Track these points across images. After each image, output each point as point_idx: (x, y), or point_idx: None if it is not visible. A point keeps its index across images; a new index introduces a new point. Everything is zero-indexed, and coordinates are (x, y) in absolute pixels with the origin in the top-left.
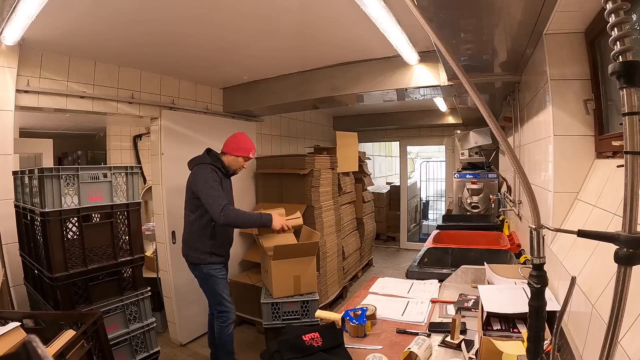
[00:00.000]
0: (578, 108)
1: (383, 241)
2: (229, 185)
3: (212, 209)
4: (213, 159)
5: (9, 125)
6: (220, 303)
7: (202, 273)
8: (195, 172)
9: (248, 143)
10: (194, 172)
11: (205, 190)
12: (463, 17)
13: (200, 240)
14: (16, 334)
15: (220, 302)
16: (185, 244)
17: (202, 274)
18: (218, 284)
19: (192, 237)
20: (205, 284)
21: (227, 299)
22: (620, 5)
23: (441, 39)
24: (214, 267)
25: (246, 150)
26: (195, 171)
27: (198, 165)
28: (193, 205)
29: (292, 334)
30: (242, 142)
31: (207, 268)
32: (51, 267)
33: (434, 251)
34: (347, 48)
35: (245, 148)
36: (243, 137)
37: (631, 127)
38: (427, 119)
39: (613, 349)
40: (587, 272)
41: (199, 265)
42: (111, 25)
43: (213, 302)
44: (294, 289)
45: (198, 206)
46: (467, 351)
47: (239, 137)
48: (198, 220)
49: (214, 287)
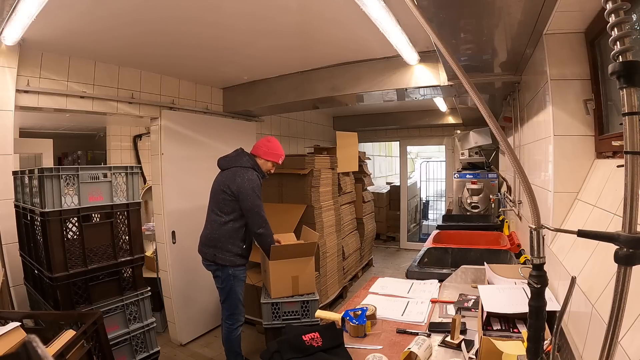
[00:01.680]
0: (578, 108)
1: (383, 241)
2: None
3: (256, 219)
4: (253, 162)
5: (9, 125)
6: (234, 305)
7: (228, 274)
8: (239, 174)
9: (280, 149)
10: (235, 173)
11: (252, 199)
12: (463, 17)
13: (233, 242)
14: (16, 334)
15: (235, 305)
16: (211, 243)
17: (227, 275)
18: (238, 287)
19: (223, 239)
20: (227, 284)
21: (242, 302)
22: (620, 5)
23: (441, 39)
24: (240, 269)
25: (278, 157)
26: (239, 173)
27: (240, 168)
28: (229, 207)
29: (292, 334)
30: (274, 148)
31: (234, 270)
32: (51, 267)
33: (434, 251)
34: (347, 48)
35: (277, 154)
36: (275, 142)
37: (631, 127)
38: (427, 119)
39: (613, 349)
40: (587, 272)
41: (226, 267)
42: (111, 25)
43: (228, 304)
44: (292, 289)
45: (234, 209)
46: (467, 351)
47: (272, 142)
48: (232, 222)
49: (234, 289)
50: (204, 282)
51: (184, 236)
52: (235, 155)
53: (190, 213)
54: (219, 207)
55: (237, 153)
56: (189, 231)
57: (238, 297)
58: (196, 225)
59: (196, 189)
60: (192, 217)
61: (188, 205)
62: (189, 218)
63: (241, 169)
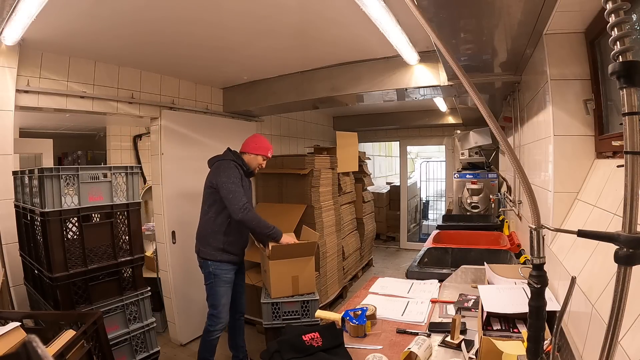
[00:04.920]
0: (578, 108)
1: (383, 241)
2: (248, 185)
3: (232, 203)
4: (235, 156)
5: (9, 125)
6: (214, 306)
7: (208, 271)
8: (217, 166)
9: (266, 143)
10: (215, 167)
11: (227, 185)
12: (463, 17)
13: (214, 236)
14: (16, 334)
15: (214, 305)
16: (198, 239)
17: (208, 271)
18: (219, 286)
19: (206, 233)
20: (208, 281)
21: (223, 307)
22: (620, 5)
23: (441, 39)
24: (222, 267)
25: (265, 149)
26: (217, 166)
27: (220, 161)
28: (210, 200)
29: (292, 334)
30: (260, 142)
31: (214, 266)
32: (51, 267)
33: (434, 251)
34: (347, 48)
35: (264, 147)
36: (261, 137)
37: (631, 127)
38: (427, 119)
39: (613, 349)
40: (587, 272)
41: (207, 261)
42: (111, 24)
43: (209, 302)
44: (292, 289)
45: (215, 200)
46: (467, 351)
47: (258, 137)
48: (214, 216)
49: (214, 288)
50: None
51: (184, 236)
52: (221, 154)
53: (190, 213)
54: (204, 201)
55: (225, 151)
56: (189, 231)
57: (219, 299)
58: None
59: (196, 189)
60: (192, 217)
61: (188, 205)
62: (189, 218)
63: (220, 162)
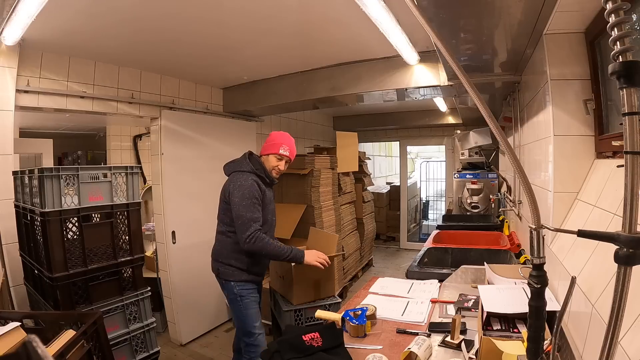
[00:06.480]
0: (578, 108)
1: (383, 241)
2: (271, 196)
3: (240, 231)
4: (255, 164)
5: (9, 125)
6: (249, 333)
7: (233, 292)
8: (232, 180)
9: (278, 138)
10: (230, 179)
11: (238, 208)
12: (463, 17)
13: (236, 256)
14: (16, 334)
15: (249, 333)
16: (217, 258)
17: (232, 293)
18: (249, 308)
19: (226, 252)
20: (235, 305)
21: (258, 328)
22: (620, 5)
23: (441, 39)
24: (247, 287)
25: (276, 146)
26: (232, 179)
27: (237, 173)
28: (228, 218)
29: (292, 334)
30: (272, 139)
31: (239, 287)
32: (51, 267)
33: (434, 251)
34: (347, 48)
35: (275, 144)
36: (276, 133)
37: (631, 127)
38: (427, 119)
39: (613, 349)
40: (587, 272)
41: (230, 282)
42: (110, 22)
43: (241, 331)
44: (314, 295)
45: (232, 218)
46: (467, 351)
47: (272, 134)
48: (233, 233)
49: (244, 311)
50: (204, 282)
51: (184, 236)
52: (238, 160)
53: (190, 213)
54: (220, 218)
55: (241, 157)
56: (189, 231)
57: (252, 323)
58: (196, 225)
59: (196, 189)
60: (192, 217)
61: (188, 205)
62: (189, 218)
63: (237, 174)
